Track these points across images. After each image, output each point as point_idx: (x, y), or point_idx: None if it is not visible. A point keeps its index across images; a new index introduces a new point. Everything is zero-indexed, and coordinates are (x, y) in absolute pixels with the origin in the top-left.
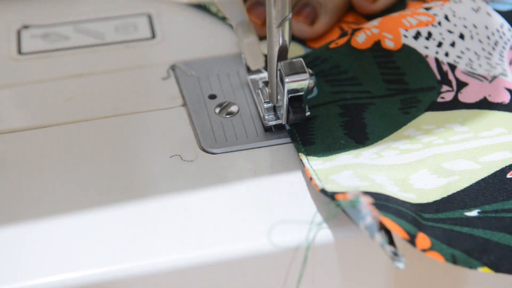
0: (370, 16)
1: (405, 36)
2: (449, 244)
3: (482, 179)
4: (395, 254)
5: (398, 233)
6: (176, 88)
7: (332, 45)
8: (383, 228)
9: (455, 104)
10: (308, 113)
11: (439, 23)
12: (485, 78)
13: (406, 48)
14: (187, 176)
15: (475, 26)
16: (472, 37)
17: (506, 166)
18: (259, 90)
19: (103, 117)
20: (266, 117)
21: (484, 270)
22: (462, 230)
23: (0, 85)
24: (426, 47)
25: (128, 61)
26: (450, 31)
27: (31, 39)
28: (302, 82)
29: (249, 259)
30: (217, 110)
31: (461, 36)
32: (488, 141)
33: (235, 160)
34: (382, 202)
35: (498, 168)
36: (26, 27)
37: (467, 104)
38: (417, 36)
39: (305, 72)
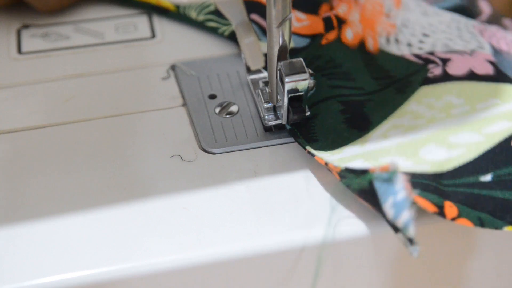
0: None
1: (380, 42)
2: (474, 207)
3: (489, 150)
4: (412, 239)
5: (428, 207)
6: (176, 88)
7: (323, 41)
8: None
9: (446, 77)
10: (308, 113)
11: (400, 31)
12: (465, 52)
13: (382, 52)
14: (187, 176)
15: (431, 24)
16: (434, 32)
17: (509, 136)
18: (259, 90)
19: (103, 117)
20: (266, 117)
21: (509, 229)
22: (482, 193)
23: (0, 85)
24: (399, 49)
25: (128, 61)
26: (413, 35)
27: (31, 39)
28: (302, 82)
29: (249, 259)
30: (217, 110)
31: (425, 35)
32: (486, 113)
33: (235, 160)
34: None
35: (501, 138)
36: (26, 26)
37: (456, 76)
38: (387, 41)
39: (305, 72)
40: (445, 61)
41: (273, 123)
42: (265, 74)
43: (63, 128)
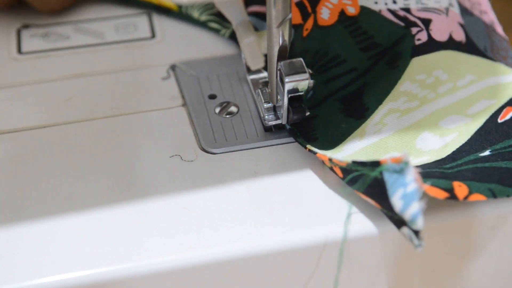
0: None
1: None
2: (482, 180)
3: (478, 129)
4: (418, 233)
5: (439, 195)
6: (176, 88)
7: (305, 33)
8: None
9: (433, 45)
10: (308, 113)
11: None
12: (441, 11)
13: (364, 10)
14: (187, 176)
15: None
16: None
17: (493, 113)
18: (259, 90)
19: (103, 117)
20: (266, 117)
21: None
22: (485, 165)
23: (0, 85)
24: (376, 3)
25: (128, 61)
26: None
27: (31, 39)
28: (302, 82)
29: (249, 259)
30: (217, 110)
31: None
32: (466, 92)
33: (235, 160)
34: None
35: (487, 117)
36: (26, 26)
37: (441, 43)
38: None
39: (305, 72)
40: (426, 22)
41: (273, 123)
42: (265, 74)
43: (63, 128)
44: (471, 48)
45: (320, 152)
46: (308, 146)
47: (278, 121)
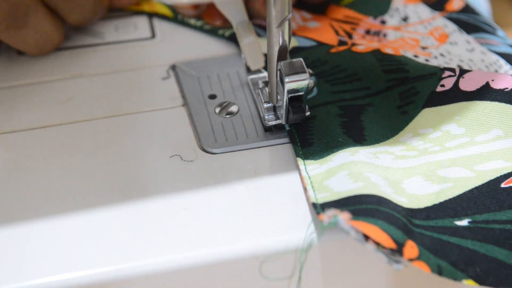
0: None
1: (404, 53)
2: (436, 254)
3: (475, 187)
4: (391, 256)
5: (385, 243)
6: (176, 88)
7: (333, 50)
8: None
9: (455, 94)
10: (308, 113)
11: (435, 57)
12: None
13: (404, 56)
14: (187, 176)
15: (471, 60)
16: (470, 67)
17: (501, 176)
18: (259, 90)
19: (103, 117)
20: (266, 117)
21: (468, 283)
22: (450, 240)
23: (0, 85)
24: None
25: (128, 61)
26: (447, 63)
27: None
28: (302, 82)
29: (248, 259)
30: (217, 110)
31: (459, 66)
32: (484, 148)
33: (235, 160)
34: (374, 206)
35: (492, 177)
36: None
37: (467, 93)
38: (414, 57)
39: (305, 72)
40: (463, 72)
41: (273, 123)
42: (265, 74)
43: (63, 128)
44: None
45: (303, 174)
46: (298, 160)
47: (278, 121)
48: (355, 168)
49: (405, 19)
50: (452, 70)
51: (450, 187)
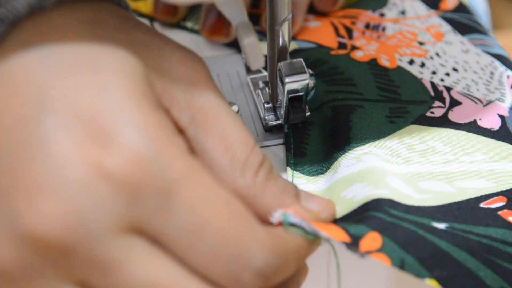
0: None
1: (400, 60)
2: (406, 247)
3: (455, 202)
4: (347, 248)
5: (337, 237)
6: None
7: (333, 52)
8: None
9: (443, 122)
10: (308, 113)
11: (431, 58)
12: (480, 101)
13: (401, 69)
14: None
15: (466, 62)
16: (466, 70)
17: (482, 196)
18: (259, 90)
19: None
20: (266, 117)
21: (431, 283)
22: (426, 236)
23: None
24: (421, 72)
25: None
26: (442, 65)
27: None
28: (302, 82)
29: None
30: None
31: (455, 69)
32: (468, 167)
33: None
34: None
35: (472, 196)
36: None
37: (455, 123)
38: (411, 62)
39: (305, 72)
40: (453, 104)
41: (273, 123)
42: (265, 74)
43: None
44: (503, 135)
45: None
46: (287, 170)
47: (278, 122)
48: (332, 192)
49: (403, 12)
50: (443, 100)
51: (430, 198)
